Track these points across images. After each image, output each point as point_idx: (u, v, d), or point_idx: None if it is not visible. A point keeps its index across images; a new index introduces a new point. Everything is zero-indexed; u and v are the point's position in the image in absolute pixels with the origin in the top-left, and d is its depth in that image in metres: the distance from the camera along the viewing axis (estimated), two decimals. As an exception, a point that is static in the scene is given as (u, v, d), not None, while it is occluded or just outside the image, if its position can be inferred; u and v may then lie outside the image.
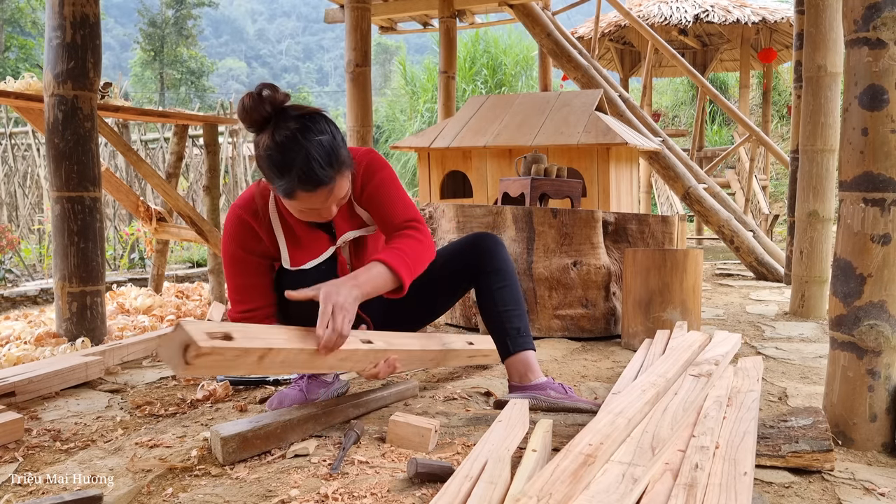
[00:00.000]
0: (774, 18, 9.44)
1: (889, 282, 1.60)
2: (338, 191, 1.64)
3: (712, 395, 1.72)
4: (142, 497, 1.39)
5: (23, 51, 21.67)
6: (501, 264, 1.96)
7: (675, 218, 3.30)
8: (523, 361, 1.94)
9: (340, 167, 1.63)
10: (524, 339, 1.95)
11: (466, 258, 1.96)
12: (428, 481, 1.41)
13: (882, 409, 1.64)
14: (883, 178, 1.59)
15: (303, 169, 1.56)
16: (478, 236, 1.99)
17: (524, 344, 1.94)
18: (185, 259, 6.77)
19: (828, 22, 3.50)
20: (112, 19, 57.31)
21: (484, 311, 1.98)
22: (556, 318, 2.97)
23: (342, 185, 1.65)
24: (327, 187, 1.60)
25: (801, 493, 1.40)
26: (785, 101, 15.88)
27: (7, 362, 2.44)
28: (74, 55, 2.69)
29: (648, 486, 1.24)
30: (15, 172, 7.79)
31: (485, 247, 1.96)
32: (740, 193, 9.32)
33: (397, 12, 6.86)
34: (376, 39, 25.44)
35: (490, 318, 1.96)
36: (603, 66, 10.05)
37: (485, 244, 1.96)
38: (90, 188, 2.78)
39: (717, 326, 3.23)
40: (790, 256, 4.50)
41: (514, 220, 2.98)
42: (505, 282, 1.95)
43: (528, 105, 4.94)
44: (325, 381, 1.98)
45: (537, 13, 6.03)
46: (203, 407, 2.00)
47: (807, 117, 3.56)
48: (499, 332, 1.96)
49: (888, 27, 1.57)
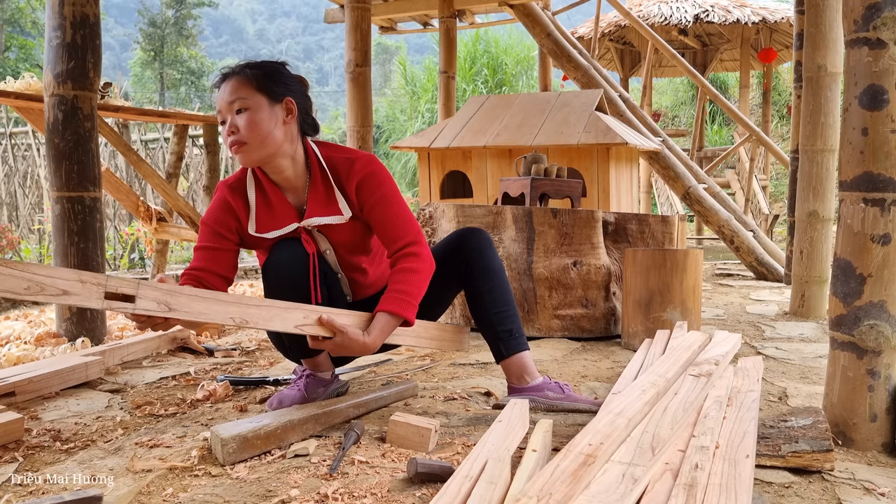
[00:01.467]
0: (774, 18, 9.44)
1: (889, 282, 1.60)
2: (244, 98, 1.74)
3: (712, 395, 1.72)
4: (142, 497, 1.39)
5: (23, 51, 21.67)
6: (489, 262, 1.94)
7: (675, 218, 3.30)
8: (518, 364, 1.93)
9: (240, 71, 1.76)
10: (516, 342, 1.94)
11: (453, 261, 1.95)
12: (428, 481, 1.41)
13: (882, 409, 1.64)
14: (883, 178, 1.59)
15: (230, 66, 1.80)
16: (462, 235, 1.97)
17: (517, 346, 1.93)
18: (185, 259, 6.77)
19: (828, 22, 3.50)
20: (112, 19, 57.29)
21: (474, 313, 1.97)
22: (556, 318, 2.97)
23: (258, 102, 1.74)
24: (232, 80, 1.75)
25: (801, 493, 1.40)
26: (785, 101, 15.88)
27: (7, 362, 2.44)
28: (74, 55, 2.69)
29: (648, 486, 1.24)
30: (15, 172, 7.79)
31: (471, 247, 1.94)
32: (740, 193, 9.32)
33: (397, 12, 6.87)
34: (376, 39, 25.42)
35: (481, 321, 1.96)
36: (603, 66, 10.04)
37: (470, 244, 1.94)
38: (90, 188, 2.78)
39: (717, 326, 3.23)
40: (790, 256, 4.50)
41: (514, 220, 2.98)
42: (493, 282, 1.93)
43: (528, 105, 4.94)
44: (324, 380, 1.98)
45: (537, 13, 6.03)
46: (203, 407, 2.00)
47: (807, 117, 3.56)
48: (491, 335, 1.95)
49: (888, 27, 1.57)
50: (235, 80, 1.76)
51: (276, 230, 1.82)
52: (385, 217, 1.82)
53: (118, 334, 2.92)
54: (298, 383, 1.95)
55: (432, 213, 3.32)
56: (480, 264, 1.93)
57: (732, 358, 2.16)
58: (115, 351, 2.52)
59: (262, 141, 1.75)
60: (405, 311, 1.73)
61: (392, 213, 1.82)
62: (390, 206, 1.83)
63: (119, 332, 2.95)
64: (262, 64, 1.80)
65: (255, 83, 1.76)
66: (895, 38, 1.57)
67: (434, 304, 2.01)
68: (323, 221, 1.82)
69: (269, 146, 1.76)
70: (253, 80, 1.76)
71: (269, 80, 1.77)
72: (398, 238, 1.82)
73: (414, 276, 1.77)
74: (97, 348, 2.55)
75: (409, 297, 1.75)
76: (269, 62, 1.83)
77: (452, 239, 1.98)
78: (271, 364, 2.58)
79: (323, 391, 1.97)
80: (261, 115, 1.75)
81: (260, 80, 1.76)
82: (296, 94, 1.83)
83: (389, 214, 1.82)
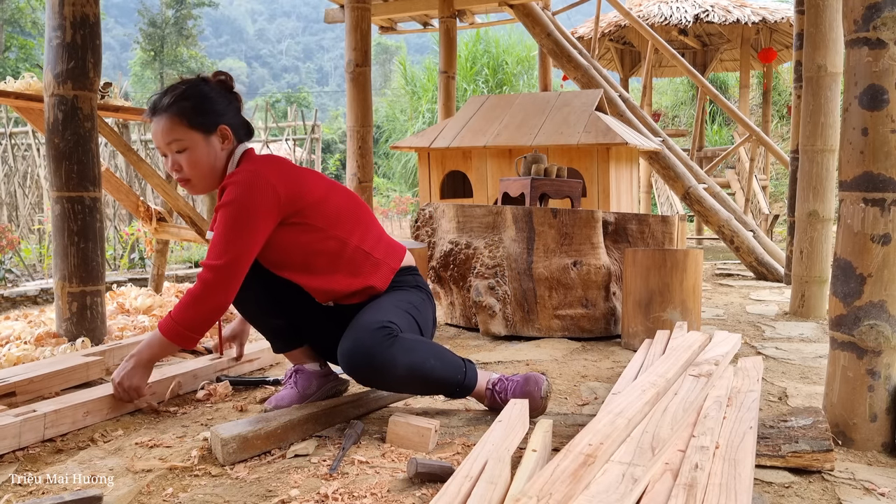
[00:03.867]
0: (774, 18, 9.44)
1: (889, 282, 1.60)
2: (179, 140, 1.76)
3: (712, 395, 1.72)
4: (142, 497, 1.39)
5: (23, 51, 21.67)
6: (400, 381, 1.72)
7: (675, 218, 3.30)
8: (477, 394, 1.86)
9: (167, 109, 1.76)
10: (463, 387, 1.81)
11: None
12: (428, 481, 1.41)
13: (882, 409, 1.64)
14: (883, 178, 1.59)
15: (156, 99, 1.80)
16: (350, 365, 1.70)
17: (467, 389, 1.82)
18: (185, 259, 6.77)
19: (828, 22, 3.50)
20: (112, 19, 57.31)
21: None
22: (556, 318, 2.97)
23: (194, 140, 1.77)
24: (163, 120, 1.76)
25: (801, 493, 1.40)
26: (785, 101, 15.88)
27: (7, 362, 2.44)
28: (74, 55, 2.69)
29: (648, 486, 1.24)
30: (15, 172, 7.79)
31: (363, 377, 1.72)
32: (740, 193, 9.32)
33: (397, 12, 6.86)
34: (376, 39, 25.43)
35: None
36: (603, 66, 10.04)
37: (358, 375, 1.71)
38: (90, 188, 2.78)
39: (717, 326, 3.23)
40: (790, 256, 4.50)
41: (514, 220, 2.98)
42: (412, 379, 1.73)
43: (529, 105, 4.94)
44: (315, 372, 1.97)
45: (537, 13, 6.03)
46: (203, 407, 2.00)
47: (807, 117, 3.56)
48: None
49: (888, 27, 1.57)
50: (167, 119, 1.76)
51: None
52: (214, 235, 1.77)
53: (118, 334, 2.91)
54: (291, 381, 1.96)
55: (432, 213, 3.32)
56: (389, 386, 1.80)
57: (732, 358, 2.16)
58: (115, 351, 2.52)
59: (206, 175, 1.80)
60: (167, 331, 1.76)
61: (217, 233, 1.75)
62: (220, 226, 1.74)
63: (119, 332, 2.95)
64: (187, 94, 1.78)
65: (187, 121, 1.76)
66: (895, 38, 1.57)
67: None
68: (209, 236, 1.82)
69: (213, 177, 1.82)
70: (184, 119, 1.76)
71: (199, 115, 1.77)
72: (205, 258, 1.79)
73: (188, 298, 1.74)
74: (97, 348, 2.55)
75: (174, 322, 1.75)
76: (193, 87, 1.80)
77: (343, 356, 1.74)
78: (271, 364, 2.58)
79: (317, 384, 1.97)
80: (199, 153, 1.78)
81: (190, 116, 1.76)
82: (227, 115, 1.83)
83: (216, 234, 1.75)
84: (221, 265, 1.72)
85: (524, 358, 2.58)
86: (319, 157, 9.26)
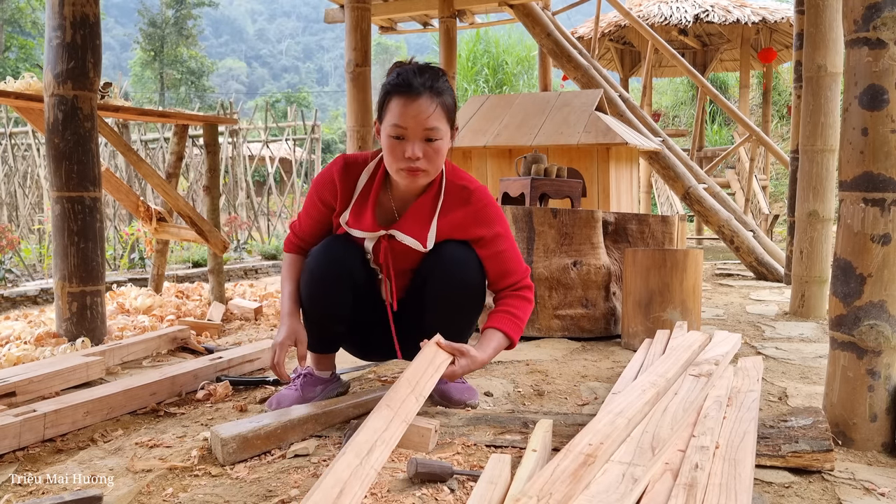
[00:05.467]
0: (774, 18, 9.44)
1: (889, 282, 1.60)
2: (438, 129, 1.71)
3: (712, 395, 1.72)
4: (142, 497, 1.39)
5: (23, 51, 21.68)
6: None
7: (675, 218, 3.30)
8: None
9: (439, 94, 1.71)
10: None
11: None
12: (428, 481, 1.41)
13: (882, 409, 1.64)
14: (883, 178, 1.59)
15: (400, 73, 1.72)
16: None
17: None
18: (185, 259, 6.77)
19: (828, 22, 3.50)
20: (112, 19, 57.31)
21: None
22: (556, 318, 2.97)
23: (445, 133, 1.73)
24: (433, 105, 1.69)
25: (801, 493, 1.40)
26: (785, 101, 15.88)
27: (7, 362, 2.44)
28: (74, 55, 2.69)
29: (648, 486, 1.24)
30: (15, 172, 7.79)
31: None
32: (740, 193, 9.32)
33: (397, 12, 6.86)
34: (376, 39, 25.41)
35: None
36: (603, 66, 10.04)
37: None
38: (90, 188, 2.78)
39: (717, 326, 3.23)
40: (790, 256, 4.50)
41: (514, 220, 2.98)
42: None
43: (529, 105, 4.94)
44: (322, 379, 1.98)
45: (537, 13, 6.03)
46: (203, 407, 2.00)
47: (807, 117, 3.56)
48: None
49: (888, 27, 1.57)
50: (439, 105, 1.72)
51: (360, 231, 1.85)
52: (504, 256, 1.88)
53: (118, 334, 2.91)
54: (296, 382, 1.96)
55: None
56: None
57: (732, 358, 2.16)
58: (115, 351, 2.52)
59: (437, 170, 1.79)
60: (512, 330, 1.86)
61: (510, 252, 1.89)
62: (508, 245, 1.89)
63: (119, 332, 2.95)
64: (447, 86, 1.75)
65: (447, 114, 1.74)
66: (895, 38, 1.57)
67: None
68: (404, 241, 1.83)
69: (437, 172, 1.81)
70: (447, 111, 1.74)
71: (455, 111, 1.78)
72: (514, 276, 1.91)
73: (526, 303, 1.90)
74: (97, 348, 2.55)
75: (519, 321, 1.87)
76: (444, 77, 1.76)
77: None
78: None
79: (321, 389, 1.97)
80: (444, 148, 1.76)
81: (452, 109, 1.76)
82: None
83: (509, 254, 1.89)
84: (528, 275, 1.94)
85: (524, 358, 2.58)
86: (319, 158, 9.26)
